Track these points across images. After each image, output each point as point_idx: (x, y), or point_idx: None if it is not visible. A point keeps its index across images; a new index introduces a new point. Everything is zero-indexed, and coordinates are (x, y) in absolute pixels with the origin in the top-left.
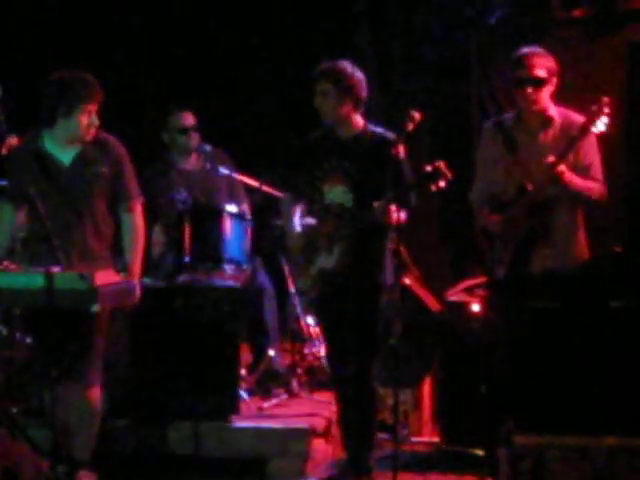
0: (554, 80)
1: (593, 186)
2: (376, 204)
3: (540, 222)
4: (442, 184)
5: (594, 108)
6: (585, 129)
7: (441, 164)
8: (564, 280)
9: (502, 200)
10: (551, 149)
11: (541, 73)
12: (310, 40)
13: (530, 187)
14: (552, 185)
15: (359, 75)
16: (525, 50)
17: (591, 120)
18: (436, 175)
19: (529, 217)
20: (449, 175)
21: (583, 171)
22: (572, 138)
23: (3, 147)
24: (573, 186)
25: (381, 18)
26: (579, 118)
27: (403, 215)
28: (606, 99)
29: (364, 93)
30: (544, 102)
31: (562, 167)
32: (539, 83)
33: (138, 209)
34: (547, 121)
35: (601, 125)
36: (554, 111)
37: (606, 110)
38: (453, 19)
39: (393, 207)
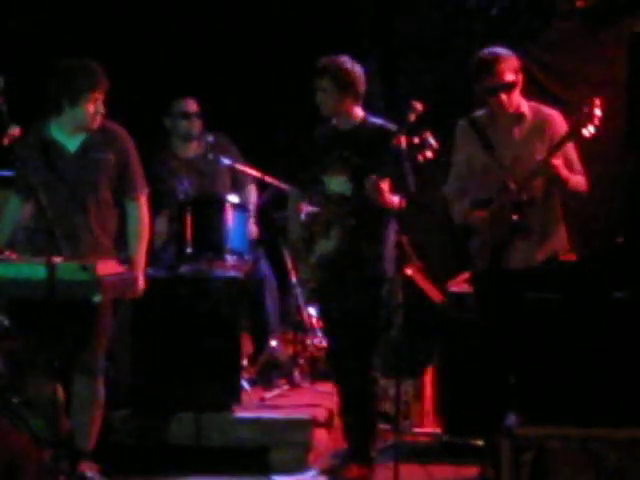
0: (520, 78)
1: (580, 179)
2: (367, 182)
3: (522, 219)
4: (429, 154)
5: (585, 110)
6: (576, 132)
7: (427, 134)
8: (565, 271)
9: (482, 197)
10: (525, 144)
11: (510, 77)
12: (315, 33)
13: (512, 185)
14: (548, 181)
15: (358, 69)
16: (488, 56)
17: (582, 123)
18: (423, 146)
19: (512, 215)
20: (435, 145)
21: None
22: (562, 138)
23: (5, 138)
24: (568, 181)
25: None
26: (551, 112)
27: (397, 199)
28: (597, 100)
29: (363, 87)
30: (516, 102)
31: (557, 161)
32: (510, 87)
33: (143, 200)
34: (519, 117)
35: (592, 128)
36: (525, 107)
37: (597, 112)
38: (455, 12)
39: (385, 184)
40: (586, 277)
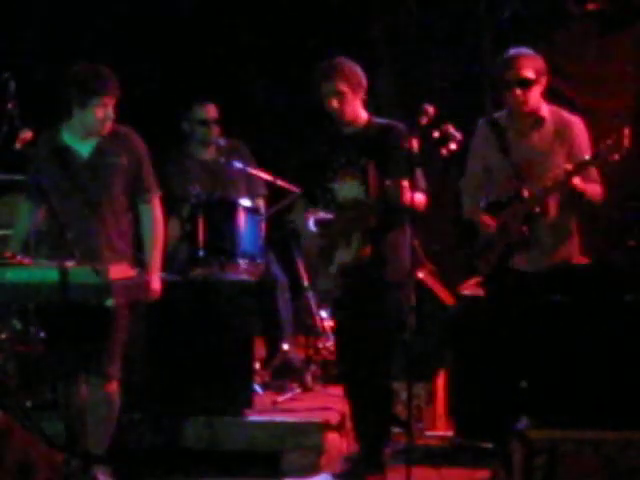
0: (543, 80)
1: (596, 189)
2: (388, 183)
3: (533, 229)
4: (453, 146)
5: (614, 139)
6: (601, 159)
7: (449, 127)
8: (578, 274)
9: (494, 199)
10: (544, 150)
11: (529, 74)
12: (326, 36)
13: (526, 194)
14: (565, 195)
15: (361, 70)
16: (512, 51)
17: (609, 151)
18: (446, 139)
19: (523, 224)
20: (459, 136)
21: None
22: (585, 161)
23: (17, 142)
24: (585, 195)
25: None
26: (572, 118)
27: (419, 196)
28: (627, 130)
29: (366, 87)
30: (534, 102)
31: (577, 180)
32: (527, 84)
33: (157, 202)
34: (538, 121)
35: (617, 156)
36: (546, 111)
37: (626, 143)
38: (464, 17)
39: (405, 183)
40: (598, 280)
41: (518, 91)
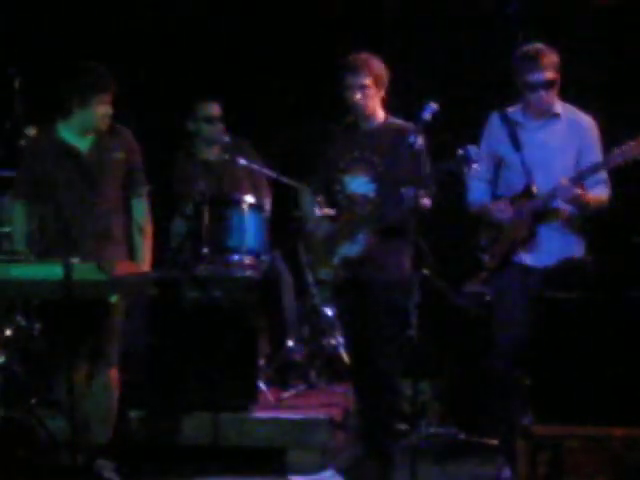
0: (559, 76)
1: (603, 195)
2: (405, 192)
3: (540, 226)
4: (476, 166)
5: (633, 145)
6: (616, 161)
7: (474, 147)
8: (583, 271)
9: (503, 194)
10: (556, 147)
11: (552, 75)
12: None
13: (535, 190)
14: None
15: (385, 68)
16: (532, 51)
17: (627, 155)
18: (469, 158)
19: (532, 221)
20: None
21: None
22: (597, 164)
23: (22, 139)
24: (590, 207)
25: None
26: (586, 118)
27: (427, 201)
28: None
29: (387, 85)
30: (553, 100)
31: (577, 191)
32: (551, 85)
33: (147, 198)
34: (553, 118)
35: (632, 162)
36: (560, 107)
37: None
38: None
39: (424, 196)
40: (603, 277)
41: (542, 92)
